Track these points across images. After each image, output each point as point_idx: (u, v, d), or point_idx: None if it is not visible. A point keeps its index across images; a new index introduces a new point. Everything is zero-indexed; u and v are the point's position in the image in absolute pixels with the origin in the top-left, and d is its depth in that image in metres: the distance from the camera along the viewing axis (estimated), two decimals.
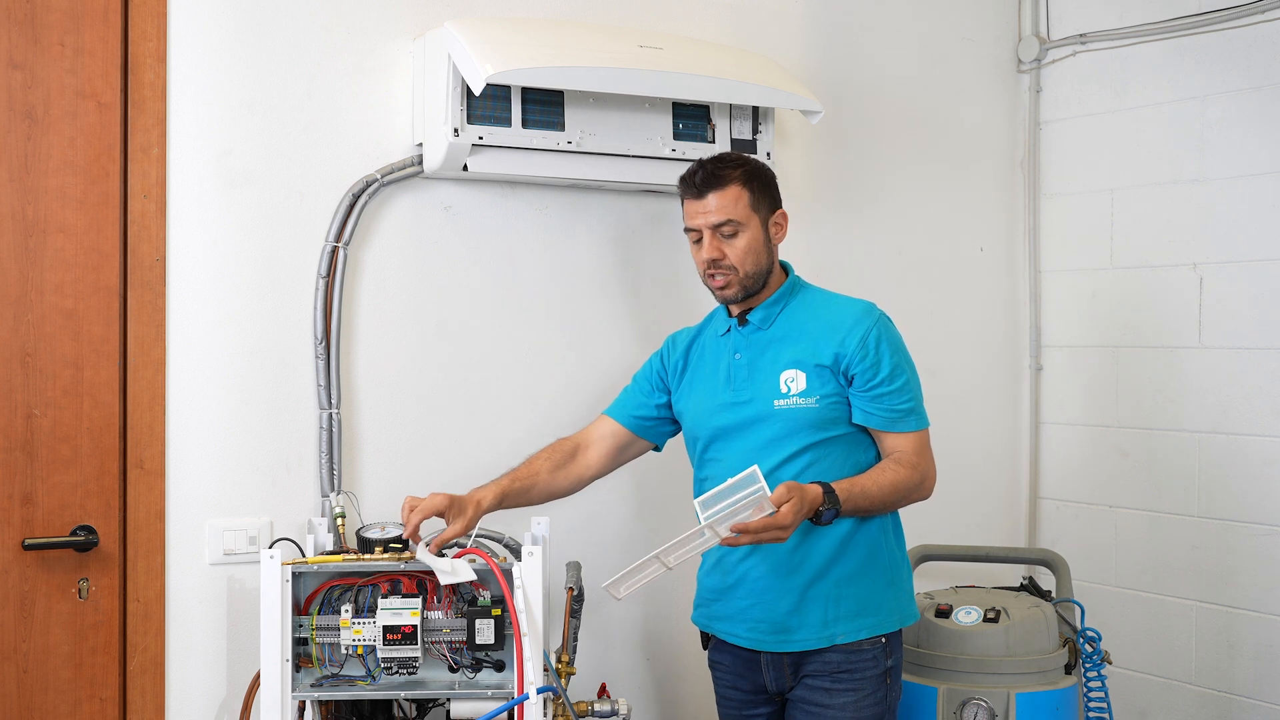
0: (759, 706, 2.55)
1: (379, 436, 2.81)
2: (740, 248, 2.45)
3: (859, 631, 2.43)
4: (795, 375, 2.45)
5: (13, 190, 2.50)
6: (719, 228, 2.44)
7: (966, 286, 3.62)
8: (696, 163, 2.49)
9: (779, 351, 2.48)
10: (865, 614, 2.44)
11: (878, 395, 2.43)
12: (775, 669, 2.49)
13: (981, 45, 3.64)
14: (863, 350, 2.42)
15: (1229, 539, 3.24)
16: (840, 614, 2.43)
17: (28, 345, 2.52)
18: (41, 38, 2.52)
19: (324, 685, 2.35)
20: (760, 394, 2.47)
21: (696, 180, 2.45)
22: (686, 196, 2.48)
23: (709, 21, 3.18)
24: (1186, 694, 3.34)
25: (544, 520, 2.53)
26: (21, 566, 2.51)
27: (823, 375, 2.44)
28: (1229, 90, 3.25)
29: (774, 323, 2.52)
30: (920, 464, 2.47)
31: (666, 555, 2.22)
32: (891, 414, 2.44)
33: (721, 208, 2.43)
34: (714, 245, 2.45)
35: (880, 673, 2.45)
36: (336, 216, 2.73)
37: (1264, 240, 3.17)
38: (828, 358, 2.44)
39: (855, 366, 2.43)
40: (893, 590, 2.49)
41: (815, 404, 2.43)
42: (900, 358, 2.47)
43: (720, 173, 2.45)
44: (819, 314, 2.51)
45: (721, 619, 2.54)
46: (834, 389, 2.44)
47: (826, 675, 2.44)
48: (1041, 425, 3.69)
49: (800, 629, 2.44)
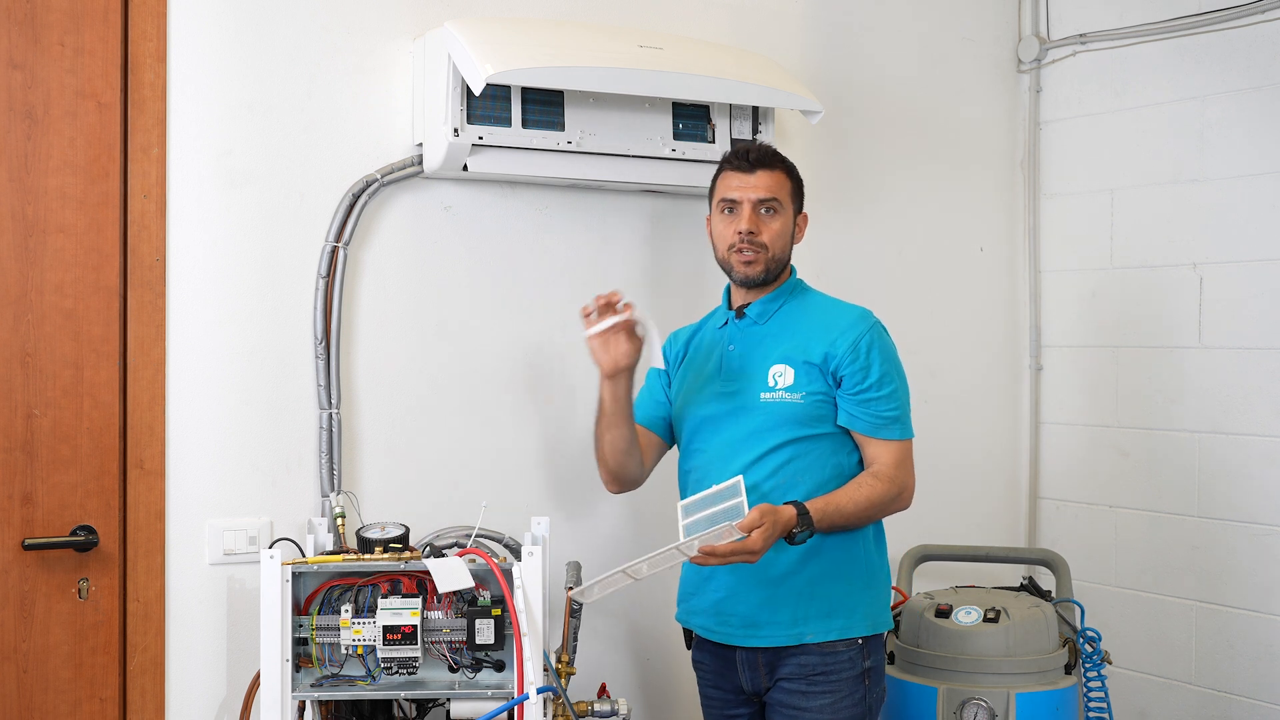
0: (739, 707, 2.55)
1: (379, 436, 2.81)
2: (775, 229, 2.51)
3: (829, 633, 2.44)
4: (784, 370, 2.48)
5: (13, 190, 2.50)
6: (763, 203, 2.50)
7: (966, 286, 3.62)
8: (743, 143, 2.58)
9: (771, 346, 2.51)
10: (836, 615, 2.44)
11: (865, 400, 2.45)
12: (750, 668, 2.49)
13: (981, 45, 3.64)
14: (854, 354, 2.45)
15: (1229, 539, 3.24)
16: (810, 613, 2.44)
17: (28, 345, 2.52)
18: (41, 38, 2.52)
19: (324, 685, 2.35)
20: (748, 386, 2.49)
21: (750, 156, 2.51)
22: (732, 170, 2.53)
23: (709, 21, 3.18)
24: (1186, 694, 3.34)
25: (544, 520, 2.53)
26: (21, 566, 2.51)
27: (811, 373, 2.46)
28: (1229, 90, 3.25)
29: (771, 318, 2.55)
30: (898, 476, 2.47)
31: (635, 569, 2.27)
32: (876, 420, 2.45)
33: (770, 186, 2.50)
34: (753, 219, 2.50)
35: (858, 674, 2.45)
36: (336, 216, 2.73)
37: (1264, 240, 3.17)
38: (817, 356, 2.46)
39: (844, 368, 2.45)
40: (868, 594, 2.49)
41: (800, 400, 2.45)
42: (890, 366, 2.48)
43: (772, 156, 2.54)
44: (815, 314, 2.54)
45: (697, 613, 2.56)
46: (821, 387, 2.46)
47: (802, 678, 2.44)
48: (1041, 425, 3.69)
49: (769, 625, 2.44)
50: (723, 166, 2.56)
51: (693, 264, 3.15)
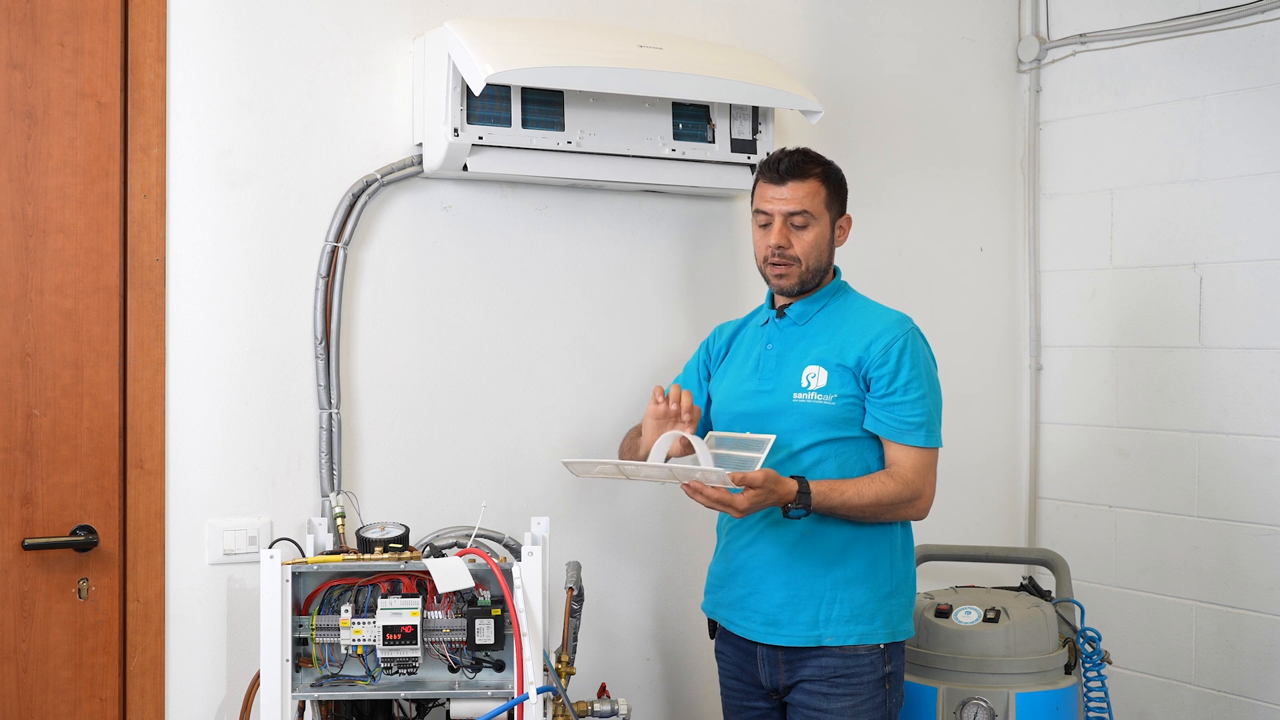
0: (757, 700, 2.58)
1: (379, 436, 2.81)
2: (807, 241, 2.51)
3: (848, 637, 2.45)
4: (817, 371, 2.49)
5: (13, 190, 2.50)
6: (791, 216, 2.50)
7: (966, 286, 3.62)
8: (781, 150, 2.56)
9: (807, 347, 2.53)
10: (858, 621, 2.45)
11: (890, 403, 2.46)
12: (770, 663, 2.51)
13: (981, 45, 3.64)
14: (884, 356, 2.46)
15: (1229, 539, 3.24)
16: (832, 617, 2.45)
17: (28, 345, 2.52)
18: (41, 37, 2.52)
19: (324, 685, 2.35)
20: (782, 386, 2.51)
21: (781, 167, 2.51)
22: (765, 180, 2.54)
23: (708, 21, 3.18)
24: (1186, 694, 3.34)
25: (544, 520, 2.53)
26: (21, 566, 2.51)
27: (844, 375, 2.47)
28: (1229, 90, 3.25)
29: (810, 320, 2.56)
30: (914, 481, 2.47)
31: (629, 469, 2.35)
32: (900, 424, 2.46)
33: (798, 198, 2.49)
34: (782, 233, 2.50)
35: (879, 678, 2.47)
36: (336, 216, 2.73)
37: (1264, 240, 3.17)
38: (851, 359, 2.48)
39: (873, 371, 2.46)
40: (891, 602, 2.50)
41: (832, 402, 2.47)
42: (920, 372, 2.48)
43: (804, 165, 2.52)
44: (853, 318, 2.55)
45: (723, 606, 2.59)
46: (853, 390, 2.47)
47: (824, 680, 2.46)
48: (1041, 425, 3.69)
49: (790, 624, 2.47)
50: (758, 175, 2.58)
51: (693, 264, 3.15)
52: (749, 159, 2.99)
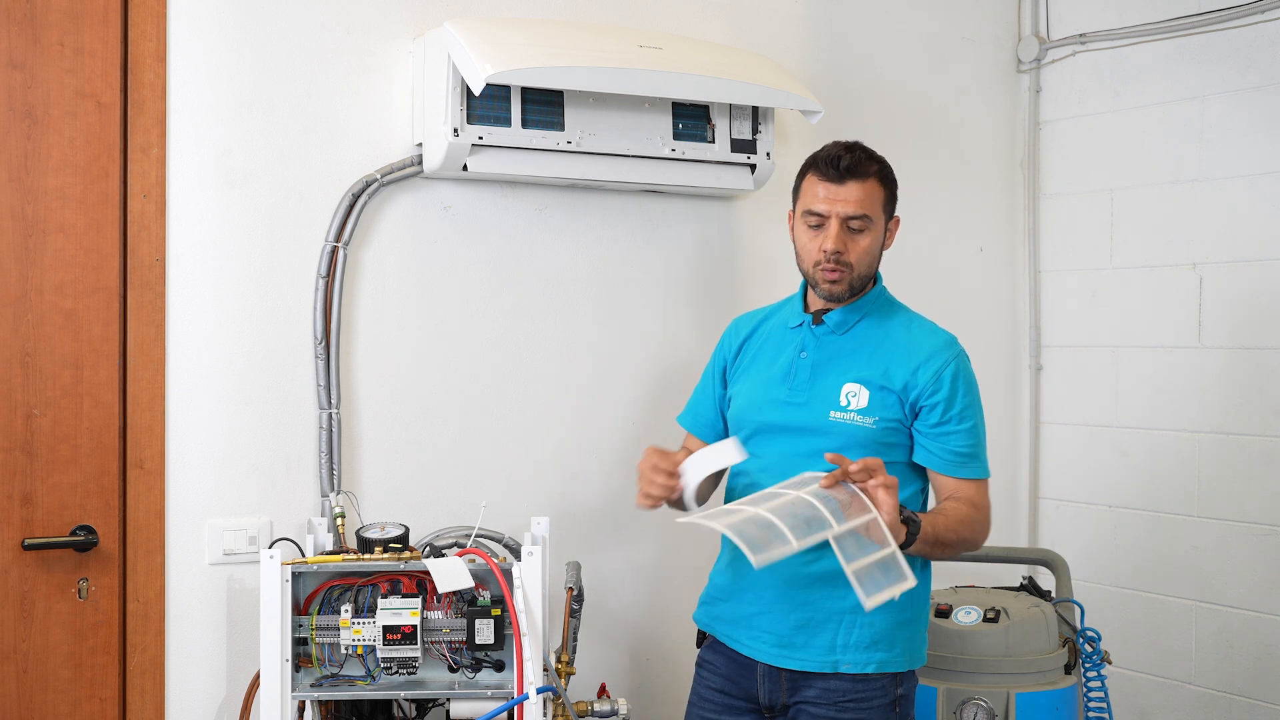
0: (741, 715, 2.39)
1: (379, 436, 2.81)
2: (863, 246, 2.32)
3: (866, 665, 2.29)
4: (858, 390, 2.31)
5: (13, 190, 2.50)
6: (850, 220, 2.30)
7: (966, 286, 3.62)
8: (837, 145, 2.34)
9: (848, 362, 2.35)
10: (877, 648, 2.30)
11: (943, 433, 2.30)
12: (772, 682, 2.35)
13: (981, 45, 3.64)
14: (936, 384, 2.30)
15: (1229, 539, 3.24)
16: (850, 643, 2.30)
17: (28, 345, 2.52)
18: (41, 38, 2.52)
19: (324, 685, 2.35)
20: (817, 400, 2.33)
21: (841, 165, 2.29)
22: (821, 178, 2.31)
23: (708, 21, 3.18)
24: (1186, 694, 3.34)
25: (544, 520, 2.53)
26: (21, 566, 2.51)
27: (887, 398, 2.30)
28: (1229, 90, 3.25)
29: (850, 330, 2.38)
30: (985, 510, 2.32)
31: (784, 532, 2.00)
32: (954, 457, 2.31)
33: (860, 200, 2.29)
34: (840, 237, 2.29)
35: (889, 702, 2.32)
36: (336, 216, 2.73)
37: (1264, 240, 3.17)
38: (897, 383, 2.31)
39: (925, 399, 2.30)
40: (909, 629, 2.35)
41: (873, 425, 2.30)
42: (972, 399, 2.34)
43: (865, 163, 2.31)
44: (898, 334, 2.37)
45: (725, 621, 2.41)
46: (896, 415, 2.31)
47: (830, 704, 2.30)
48: (1041, 425, 3.68)
49: (805, 648, 2.31)
50: (809, 169, 2.35)
51: (693, 264, 3.15)
52: (749, 159, 2.99)
